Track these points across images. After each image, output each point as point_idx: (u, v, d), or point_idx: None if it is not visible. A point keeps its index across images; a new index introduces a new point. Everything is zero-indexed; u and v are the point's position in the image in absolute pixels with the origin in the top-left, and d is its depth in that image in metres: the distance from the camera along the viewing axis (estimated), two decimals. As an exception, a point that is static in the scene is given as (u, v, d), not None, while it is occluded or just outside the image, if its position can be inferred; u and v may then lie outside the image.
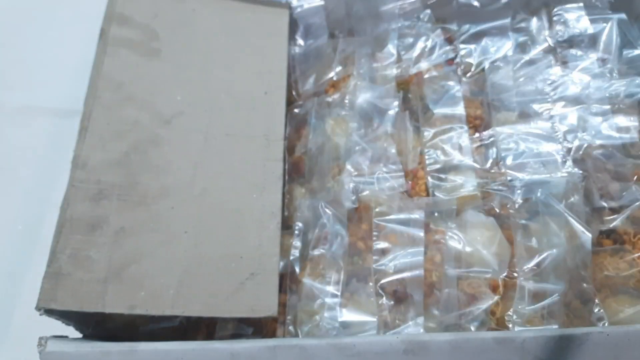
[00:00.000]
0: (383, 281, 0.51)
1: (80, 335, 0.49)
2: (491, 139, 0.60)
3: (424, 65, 0.66)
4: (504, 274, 0.51)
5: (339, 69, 0.66)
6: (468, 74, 0.66)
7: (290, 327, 0.50)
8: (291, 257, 0.53)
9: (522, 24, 0.68)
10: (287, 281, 0.52)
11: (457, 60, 0.67)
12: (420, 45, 0.67)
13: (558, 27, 0.67)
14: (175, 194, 0.52)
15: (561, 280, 0.49)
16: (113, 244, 0.48)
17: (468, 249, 0.52)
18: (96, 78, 0.56)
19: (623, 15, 0.66)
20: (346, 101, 0.63)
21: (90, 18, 0.64)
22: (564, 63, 0.65)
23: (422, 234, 0.52)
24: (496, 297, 0.50)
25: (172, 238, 0.49)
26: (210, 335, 0.51)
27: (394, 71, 0.66)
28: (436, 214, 0.54)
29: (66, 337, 0.46)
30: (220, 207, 0.52)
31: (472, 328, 0.49)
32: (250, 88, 0.60)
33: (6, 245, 0.67)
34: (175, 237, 0.50)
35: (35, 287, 0.46)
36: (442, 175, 0.58)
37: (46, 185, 0.70)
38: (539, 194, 0.53)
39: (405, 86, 0.66)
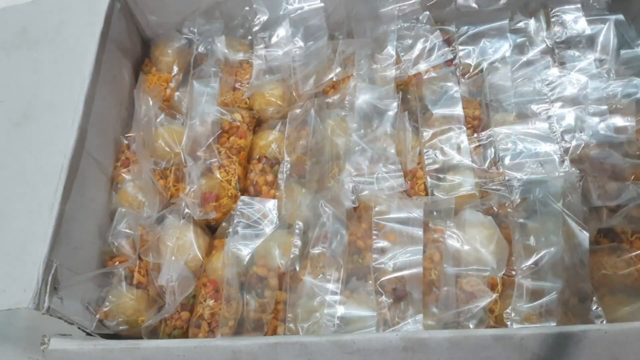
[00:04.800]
0: (382, 279, 0.51)
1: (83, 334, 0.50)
2: (489, 139, 0.60)
3: (423, 66, 0.67)
4: (502, 272, 0.52)
5: (338, 70, 0.67)
6: (466, 75, 0.66)
7: (291, 325, 0.50)
8: (291, 256, 0.53)
9: (520, 25, 0.69)
10: (287, 279, 0.53)
11: (456, 61, 0.67)
12: (419, 46, 0.68)
13: (556, 28, 0.67)
14: None
15: (559, 279, 0.50)
16: None
17: (466, 247, 0.52)
18: None
19: (620, 16, 0.66)
20: (346, 102, 0.64)
21: None
22: (561, 64, 0.65)
23: (421, 232, 0.53)
24: (494, 295, 0.50)
25: None
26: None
27: (393, 72, 0.66)
28: (435, 213, 0.55)
29: (69, 335, 0.47)
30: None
31: (471, 326, 0.49)
32: None
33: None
34: None
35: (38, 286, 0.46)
36: (441, 175, 0.58)
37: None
38: (536, 194, 0.54)
39: (405, 87, 0.67)
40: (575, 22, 0.67)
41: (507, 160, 0.58)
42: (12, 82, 0.60)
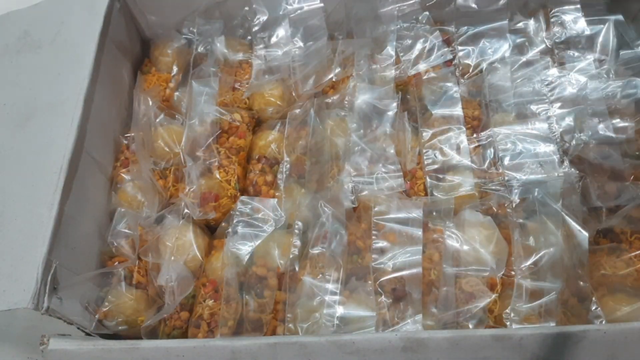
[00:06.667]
0: (382, 279, 0.51)
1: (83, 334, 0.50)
2: (489, 140, 0.60)
3: (422, 66, 0.67)
4: (502, 273, 0.52)
5: (338, 70, 0.67)
6: (466, 75, 0.66)
7: (290, 325, 0.50)
8: (291, 256, 0.53)
9: (520, 26, 0.69)
10: (287, 279, 0.52)
11: (455, 61, 0.67)
12: (418, 46, 0.68)
13: (555, 29, 0.67)
14: None
15: (558, 279, 0.50)
16: None
17: (466, 247, 0.52)
18: None
19: (620, 17, 0.66)
20: (345, 102, 0.64)
21: None
22: (561, 64, 0.65)
23: (420, 233, 0.53)
24: (494, 295, 0.50)
25: None
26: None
27: (392, 72, 0.66)
28: (434, 213, 0.55)
29: (69, 335, 0.47)
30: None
31: (470, 326, 0.49)
32: None
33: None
34: None
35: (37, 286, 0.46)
36: (441, 175, 0.58)
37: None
38: (536, 194, 0.54)
39: (404, 87, 0.67)
40: (575, 22, 0.67)
41: (506, 161, 0.58)
42: (15, 86, 0.61)
